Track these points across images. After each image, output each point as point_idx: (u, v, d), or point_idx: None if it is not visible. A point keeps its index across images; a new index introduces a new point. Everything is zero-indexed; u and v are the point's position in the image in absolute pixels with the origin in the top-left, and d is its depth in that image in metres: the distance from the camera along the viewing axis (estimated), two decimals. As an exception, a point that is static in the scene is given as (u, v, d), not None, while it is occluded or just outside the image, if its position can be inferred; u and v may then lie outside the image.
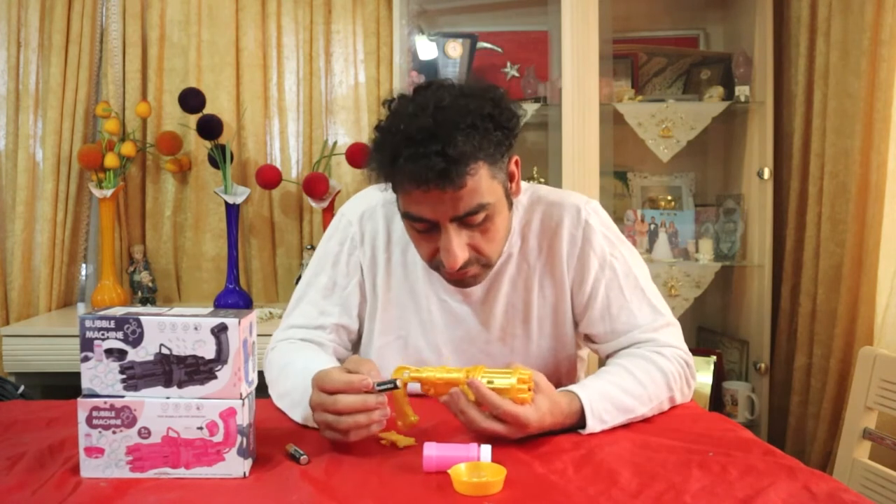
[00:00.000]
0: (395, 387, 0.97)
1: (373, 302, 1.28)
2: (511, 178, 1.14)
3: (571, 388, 1.07)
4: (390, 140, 1.03)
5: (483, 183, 1.05)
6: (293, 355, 1.20)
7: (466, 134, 1.00)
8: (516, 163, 1.14)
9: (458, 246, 1.07)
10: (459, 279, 1.14)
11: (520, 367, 1.00)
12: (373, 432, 0.96)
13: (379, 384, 0.96)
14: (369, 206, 1.28)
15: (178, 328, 0.87)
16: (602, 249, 1.23)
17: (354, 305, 1.28)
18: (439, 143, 0.99)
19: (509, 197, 1.14)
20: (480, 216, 1.07)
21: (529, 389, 0.99)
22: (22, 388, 1.98)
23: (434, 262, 1.13)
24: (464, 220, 1.07)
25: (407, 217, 1.10)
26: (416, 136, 0.99)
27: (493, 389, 0.97)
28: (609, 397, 1.07)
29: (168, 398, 0.88)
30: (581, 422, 1.04)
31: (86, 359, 0.87)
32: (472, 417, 0.97)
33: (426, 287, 1.25)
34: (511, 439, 0.99)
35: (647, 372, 1.13)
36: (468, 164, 1.01)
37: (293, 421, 1.13)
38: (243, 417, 0.88)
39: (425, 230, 1.09)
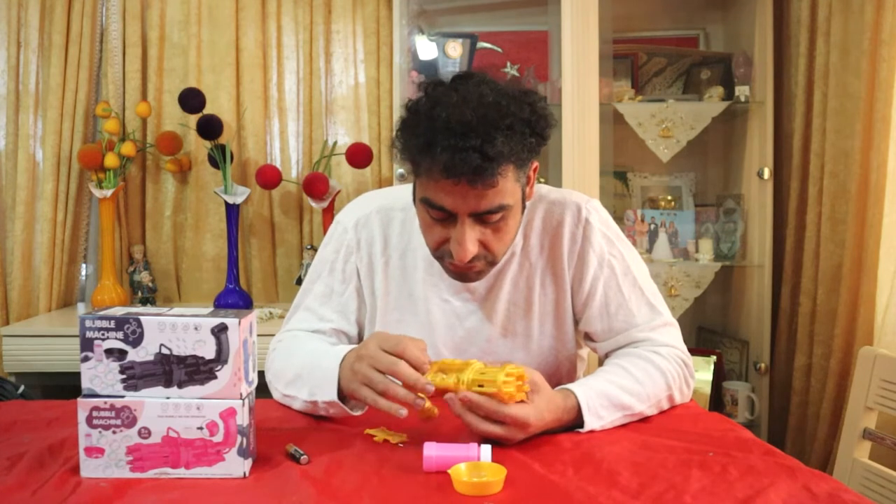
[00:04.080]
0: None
1: (371, 306, 1.29)
2: (528, 180, 1.14)
3: (568, 385, 1.07)
4: (427, 126, 1.02)
5: (508, 185, 1.06)
6: (300, 343, 1.23)
7: (505, 135, 1.01)
8: (535, 169, 1.15)
9: (471, 240, 1.08)
10: (463, 272, 1.14)
11: (509, 364, 1.00)
12: (399, 413, 0.97)
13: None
14: (364, 213, 1.29)
15: (178, 328, 0.87)
16: (601, 248, 1.23)
17: (353, 311, 1.29)
18: (478, 139, 0.99)
19: (524, 200, 1.15)
20: (498, 216, 1.08)
21: (520, 381, 0.98)
22: (22, 388, 1.98)
23: (440, 251, 1.13)
24: (481, 217, 1.07)
25: (425, 203, 1.09)
26: (457, 128, 0.99)
27: (484, 394, 0.96)
28: (606, 394, 1.07)
29: (168, 398, 0.88)
30: (579, 419, 1.05)
31: (86, 359, 0.87)
32: (469, 421, 0.98)
33: (426, 289, 1.25)
34: (513, 441, 0.99)
35: (645, 370, 1.13)
36: (501, 164, 1.02)
37: (295, 412, 1.15)
38: (243, 417, 0.88)
39: (440, 219, 1.09)
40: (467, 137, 0.99)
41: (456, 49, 2.44)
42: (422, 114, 1.04)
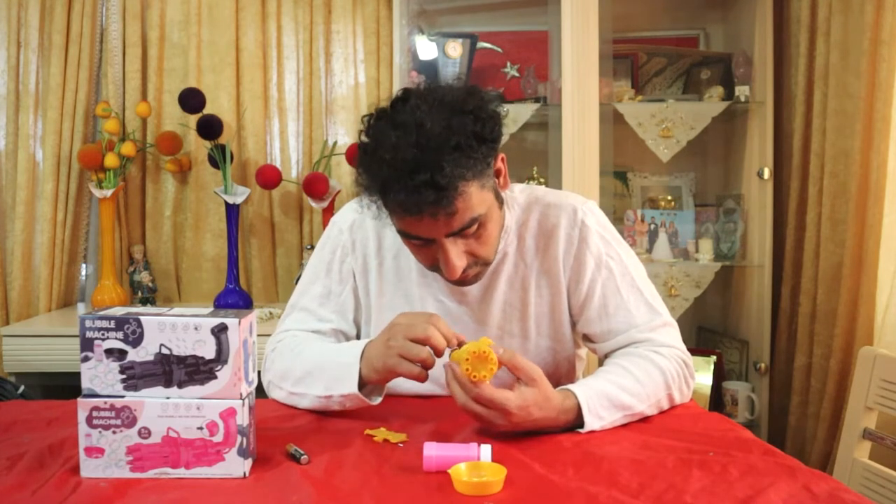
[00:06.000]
0: None
1: (367, 307, 1.29)
2: (498, 174, 1.14)
3: (568, 386, 1.07)
4: (377, 169, 1.02)
5: (473, 198, 1.05)
6: (304, 343, 1.23)
7: (452, 159, 0.99)
8: (503, 160, 1.14)
9: (457, 257, 1.08)
10: (461, 281, 1.15)
11: (487, 342, 0.99)
12: (421, 375, 1.02)
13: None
14: (359, 214, 1.29)
15: (178, 328, 0.87)
16: (598, 249, 1.23)
17: (350, 310, 1.29)
18: (427, 173, 0.98)
19: (499, 195, 1.15)
20: (474, 227, 1.08)
21: (482, 358, 0.97)
22: (22, 388, 1.98)
23: (434, 267, 1.14)
24: (459, 233, 1.07)
25: (402, 234, 1.11)
26: (403, 167, 0.99)
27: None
28: (606, 394, 1.07)
29: (168, 398, 0.88)
30: (579, 420, 1.05)
31: (86, 359, 0.87)
32: (453, 392, 1.00)
33: (421, 289, 1.25)
34: (496, 427, 1.00)
35: (645, 370, 1.13)
36: (457, 187, 1.01)
37: (296, 411, 1.16)
38: (243, 417, 0.88)
39: (422, 245, 1.10)
40: (416, 174, 0.98)
41: (456, 49, 2.44)
42: (369, 155, 1.04)
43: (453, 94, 1.05)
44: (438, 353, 1.02)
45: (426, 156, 0.98)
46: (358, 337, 1.31)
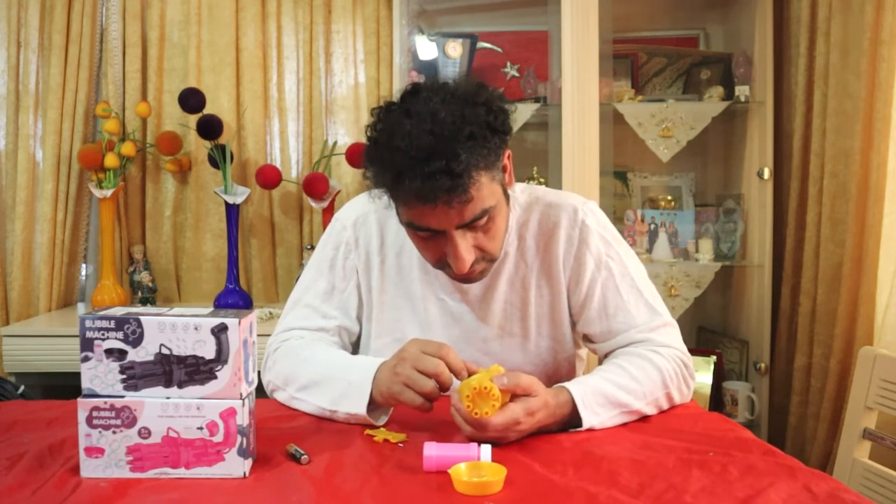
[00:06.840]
0: None
1: (368, 304, 1.29)
2: (504, 170, 1.14)
3: (562, 384, 1.08)
4: (390, 158, 1.02)
5: (485, 189, 1.05)
6: (311, 347, 1.22)
7: (467, 147, 1.00)
8: (509, 157, 1.14)
9: (466, 250, 1.08)
10: (467, 277, 1.15)
11: (486, 379, 0.97)
12: (424, 406, 1.01)
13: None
14: (362, 211, 1.30)
15: (178, 328, 0.87)
16: (598, 249, 1.23)
17: (353, 307, 1.29)
18: (443, 160, 0.99)
19: (506, 192, 1.15)
20: (484, 220, 1.08)
21: (484, 394, 0.96)
22: (22, 388, 1.98)
23: (439, 263, 1.14)
24: (469, 225, 1.07)
25: (411, 227, 1.10)
26: (419, 154, 0.99)
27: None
28: (601, 391, 1.07)
29: (168, 398, 0.88)
30: (576, 417, 1.05)
31: (86, 359, 0.87)
32: (457, 423, 1.00)
33: (423, 288, 1.25)
34: (510, 439, 0.99)
35: (642, 368, 1.14)
36: (471, 175, 1.02)
37: (296, 411, 1.15)
38: (243, 417, 0.88)
39: (429, 237, 1.10)
40: (431, 161, 0.99)
41: (456, 49, 2.44)
42: (382, 145, 1.04)
43: (464, 87, 1.06)
44: (444, 389, 1.02)
45: (441, 143, 0.99)
46: (360, 334, 1.31)
